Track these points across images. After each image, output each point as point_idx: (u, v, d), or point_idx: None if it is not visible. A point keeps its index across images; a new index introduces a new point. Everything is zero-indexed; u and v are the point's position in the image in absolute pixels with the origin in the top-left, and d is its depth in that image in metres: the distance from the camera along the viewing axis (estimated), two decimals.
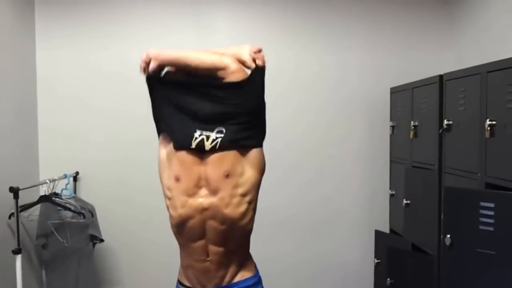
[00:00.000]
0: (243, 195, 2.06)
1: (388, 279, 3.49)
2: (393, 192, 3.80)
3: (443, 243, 2.52)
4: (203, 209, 2.02)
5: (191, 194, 2.03)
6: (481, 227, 2.30)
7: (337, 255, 4.11)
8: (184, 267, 2.15)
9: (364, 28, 4.06)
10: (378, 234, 3.92)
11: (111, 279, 4.05)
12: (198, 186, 2.03)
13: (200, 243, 2.07)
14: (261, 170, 2.18)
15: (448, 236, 2.47)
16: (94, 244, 3.68)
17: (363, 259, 4.09)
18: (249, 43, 4.07)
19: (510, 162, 2.31)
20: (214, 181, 2.00)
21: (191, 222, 2.04)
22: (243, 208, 2.05)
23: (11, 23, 3.60)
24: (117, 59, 3.96)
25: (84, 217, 3.58)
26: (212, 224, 2.03)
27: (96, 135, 3.97)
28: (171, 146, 2.08)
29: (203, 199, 2.02)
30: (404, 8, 4.06)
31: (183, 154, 2.02)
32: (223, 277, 2.09)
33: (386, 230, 3.93)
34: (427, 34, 4.06)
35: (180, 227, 2.08)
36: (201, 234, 2.06)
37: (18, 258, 3.26)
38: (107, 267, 4.03)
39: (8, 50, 3.53)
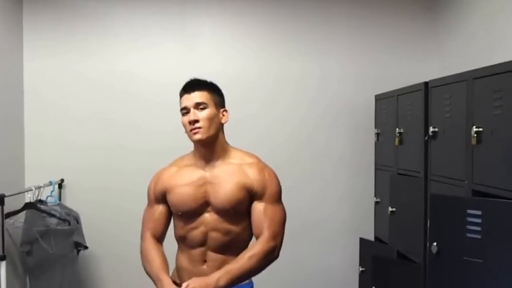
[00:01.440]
0: (247, 212, 2.12)
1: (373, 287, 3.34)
2: (378, 200, 3.66)
3: (429, 251, 2.38)
4: (207, 223, 2.09)
5: (197, 213, 2.09)
6: (468, 235, 2.17)
7: (321, 263, 3.95)
8: (179, 269, 2.16)
9: (349, 35, 3.96)
10: (363, 242, 3.76)
11: (95, 286, 3.88)
12: (203, 205, 2.07)
13: (200, 249, 2.10)
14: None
15: (435, 244, 2.33)
16: (78, 251, 3.55)
17: (347, 267, 3.92)
18: (234, 52, 3.99)
19: (497, 169, 2.19)
20: (219, 207, 2.07)
21: (195, 232, 2.10)
22: (246, 222, 2.13)
23: None
24: (102, 67, 3.85)
25: (69, 224, 3.45)
26: (214, 235, 2.09)
27: (81, 143, 3.84)
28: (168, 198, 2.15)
29: (208, 214, 2.09)
30: (389, 16, 3.97)
31: (184, 205, 2.10)
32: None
33: (371, 237, 3.77)
34: (412, 41, 3.96)
35: (184, 237, 2.12)
36: (203, 242, 2.10)
37: (3, 265, 3.12)
38: (91, 274, 3.86)
39: None
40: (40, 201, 3.51)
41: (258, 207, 2.09)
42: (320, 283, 3.96)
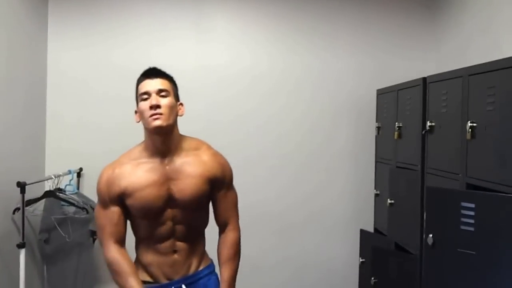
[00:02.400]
0: (207, 205, 2.12)
1: (372, 278, 3.30)
2: (378, 192, 3.62)
3: (425, 243, 2.36)
4: (173, 217, 1.99)
5: (161, 210, 1.97)
6: (462, 227, 2.14)
7: (322, 254, 3.92)
8: (147, 265, 2.06)
9: (352, 33, 3.92)
10: (363, 233, 3.73)
11: (109, 274, 3.86)
12: (167, 201, 1.97)
13: (169, 242, 2.03)
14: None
15: (430, 235, 2.31)
16: (94, 239, 3.54)
17: (348, 258, 3.88)
18: (243, 46, 3.96)
19: (491, 163, 2.16)
20: (186, 202, 1.99)
21: (162, 228, 2.00)
22: (206, 213, 2.13)
23: (24, 16, 3.45)
24: (123, 58, 3.82)
25: (87, 212, 3.43)
26: (181, 227, 2.03)
27: (100, 133, 3.83)
28: (128, 202, 1.98)
29: (173, 210, 1.98)
30: (390, 14, 3.92)
31: (144, 192, 1.94)
32: (189, 267, 2.08)
33: (371, 229, 3.74)
34: (412, 39, 3.92)
35: (150, 235, 2.02)
36: (170, 235, 2.02)
37: (22, 252, 3.12)
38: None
39: (19, 47, 3.39)
40: (59, 190, 3.49)
41: (221, 195, 2.09)
42: (321, 273, 3.93)
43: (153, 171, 1.95)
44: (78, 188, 3.72)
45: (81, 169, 3.80)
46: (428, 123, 2.70)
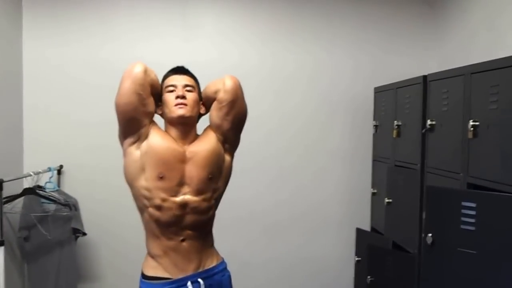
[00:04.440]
0: (217, 196, 2.20)
1: (369, 277, 3.40)
2: (375, 191, 3.71)
3: (424, 242, 2.44)
4: (185, 206, 2.07)
5: (174, 192, 2.06)
6: (463, 226, 2.22)
7: (318, 253, 4.00)
8: (157, 257, 2.12)
9: (350, 29, 3.98)
10: (360, 232, 3.83)
11: (93, 272, 3.91)
12: (180, 184, 2.07)
13: (175, 228, 2.10)
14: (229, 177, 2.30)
15: (430, 235, 2.40)
16: (76, 238, 3.56)
17: (344, 257, 3.98)
18: (232, 44, 3.94)
19: (492, 163, 2.24)
20: (199, 182, 2.08)
21: (172, 217, 2.07)
22: (215, 204, 2.21)
23: None
24: (103, 54, 3.83)
25: (70, 209, 3.45)
26: (190, 217, 2.10)
27: (81, 130, 3.84)
28: (147, 144, 2.07)
29: (185, 196, 2.07)
30: (390, 10, 3.98)
31: (166, 152, 2.06)
32: (200, 260, 2.14)
33: (368, 228, 3.84)
34: (412, 35, 3.99)
35: (159, 222, 2.09)
36: (179, 224, 2.09)
37: (1, 250, 3.12)
38: (89, 259, 3.89)
39: None
40: (39, 187, 3.50)
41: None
42: (316, 272, 4.01)
43: (175, 144, 2.11)
44: (58, 186, 3.72)
45: (61, 166, 3.80)
46: (429, 122, 2.79)
